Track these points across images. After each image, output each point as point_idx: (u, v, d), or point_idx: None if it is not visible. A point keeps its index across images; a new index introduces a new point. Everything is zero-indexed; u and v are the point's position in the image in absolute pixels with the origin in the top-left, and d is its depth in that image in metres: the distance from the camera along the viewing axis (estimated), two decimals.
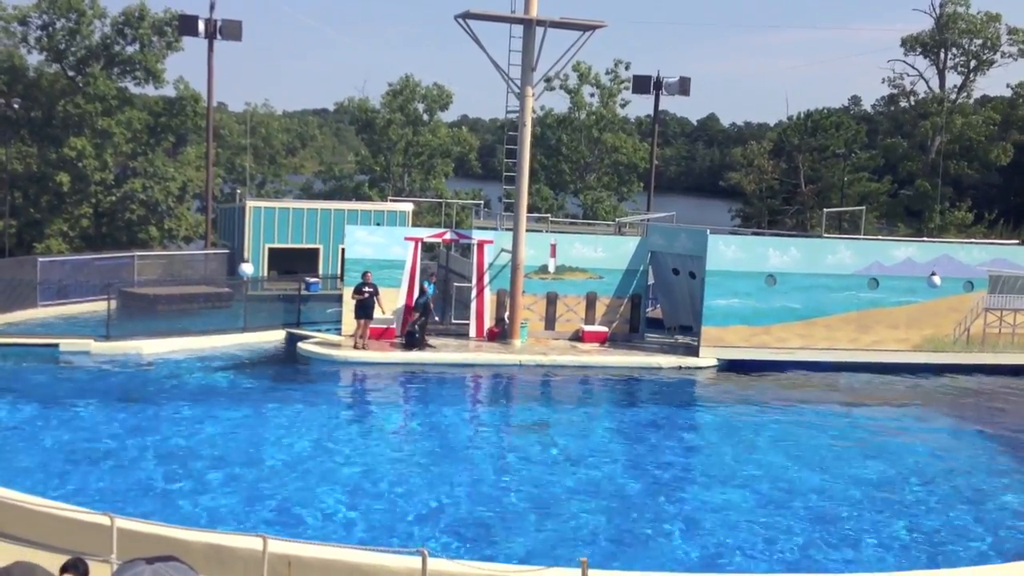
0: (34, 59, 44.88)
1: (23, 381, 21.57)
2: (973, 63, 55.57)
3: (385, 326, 26.20)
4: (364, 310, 25.10)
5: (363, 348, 25.01)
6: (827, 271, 26.48)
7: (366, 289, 25.14)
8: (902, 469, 17.93)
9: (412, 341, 25.55)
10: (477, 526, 14.12)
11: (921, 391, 25.05)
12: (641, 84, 43.39)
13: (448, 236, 28.71)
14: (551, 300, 27.72)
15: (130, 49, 45.23)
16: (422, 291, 26.20)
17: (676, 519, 14.81)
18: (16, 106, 44.82)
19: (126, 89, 46.27)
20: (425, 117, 53.61)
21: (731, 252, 26.30)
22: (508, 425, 20.57)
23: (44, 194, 43.47)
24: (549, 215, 43.49)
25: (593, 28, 26.34)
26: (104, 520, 11.06)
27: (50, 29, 43.92)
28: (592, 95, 55.44)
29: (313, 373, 23.88)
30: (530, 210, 28.30)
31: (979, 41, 54.63)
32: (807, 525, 14.74)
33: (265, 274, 33.02)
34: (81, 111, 43.15)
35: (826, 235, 32.57)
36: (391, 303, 26.28)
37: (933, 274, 26.49)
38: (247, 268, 28.62)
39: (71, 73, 45.07)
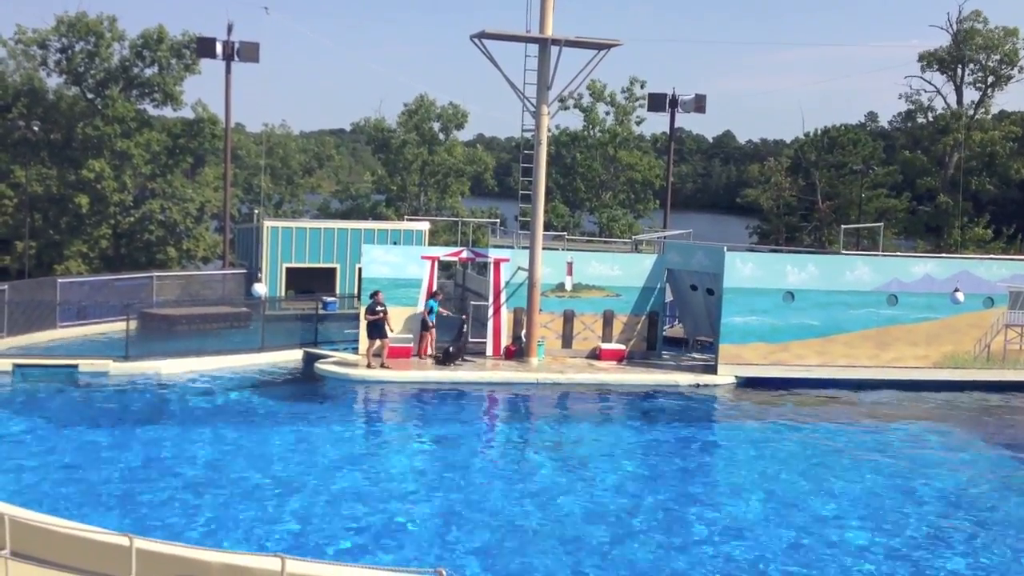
0: (53, 82, 45.41)
1: (43, 402, 21.66)
2: (991, 78, 55.41)
3: (403, 345, 26.20)
4: (378, 330, 25.11)
5: (382, 367, 25.01)
6: (846, 288, 26.37)
7: (378, 309, 25.16)
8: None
9: (448, 357, 25.83)
10: (498, 549, 14.08)
11: (948, 409, 24.79)
12: (656, 102, 43.48)
13: (464, 255, 28.74)
14: (568, 318, 27.68)
15: (148, 72, 45.62)
16: (430, 310, 26.41)
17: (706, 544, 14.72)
18: (36, 128, 45.18)
19: (145, 111, 46.67)
20: (441, 136, 53.80)
21: (748, 269, 26.22)
22: (525, 443, 20.48)
23: (64, 215, 43.78)
24: (566, 233, 43.50)
25: (608, 47, 26.38)
26: (123, 540, 11.07)
27: (69, 52, 44.34)
28: (607, 113, 55.54)
29: (331, 392, 23.88)
30: (546, 228, 28.30)
31: (997, 56, 54.46)
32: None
33: (283, 294, 33.09)
34: (100, 133, 43.49)
35: (844, 252, 32.45)
36: (408, 321, 26.39)
37: (956, 290, 26.31)
38: (260, 288, 28.71)
39: (90, 95, 45.45)
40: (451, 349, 26.04)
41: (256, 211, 44.92)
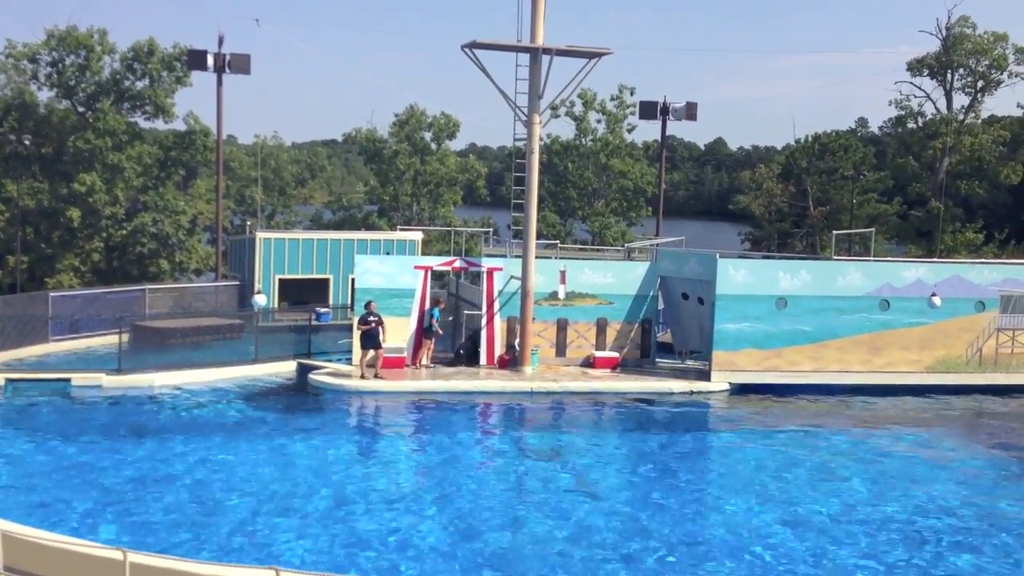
0: (44, 96, 45.42)
1: (36, 416, 21.60)
2: (980, 83, 55.61)
3: (396, 355, 26.19)
4: (371, 340, 25.09)
5: (376, 377, 24.98)
6: (838, 293, 26.40)
7: (371, 319, 25.16)
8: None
9: (459, 358, 27.11)
10: (498, 558, 14.07)
11: (941, 413, 24.83)
12: (648, 110, 43.58)
13: (458, 264, 28.75)
14: (561, 326, 27.69)
15: (140, 84, 45.64)
16: (434, 318, 26.59)
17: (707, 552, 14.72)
18: (27, 142, 45.16)
19: (136, 124, 46.66)
20: (433, 146, 53.83)
21: (741, 276, 26.26)
22: (521, 452, 20.47)
23: (55, 229, 43.73)
24: (558, 242, 43.55)
25: (599, 55, 26.45)
26: (117, 555, 11.04)
27: (60, 66, 44.34)
28: (599, 121, 55.63)
29: (325, 404, 23.84)
30: (537, 237, 28.31)
31: (986, 61, 54.66)
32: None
33: (276, 305, 33.08)
34: (91, 146, 43.47)
35: (836, 257, 32.51)
36: (401, 331, 26.39)
37: (933, 295, 26.37)
38: (260, 299, 28.71)
39: (81, 109, 45.45)
40: (468, 344, 27.01)
41: (249, 223, 44.90)
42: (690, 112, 42.88)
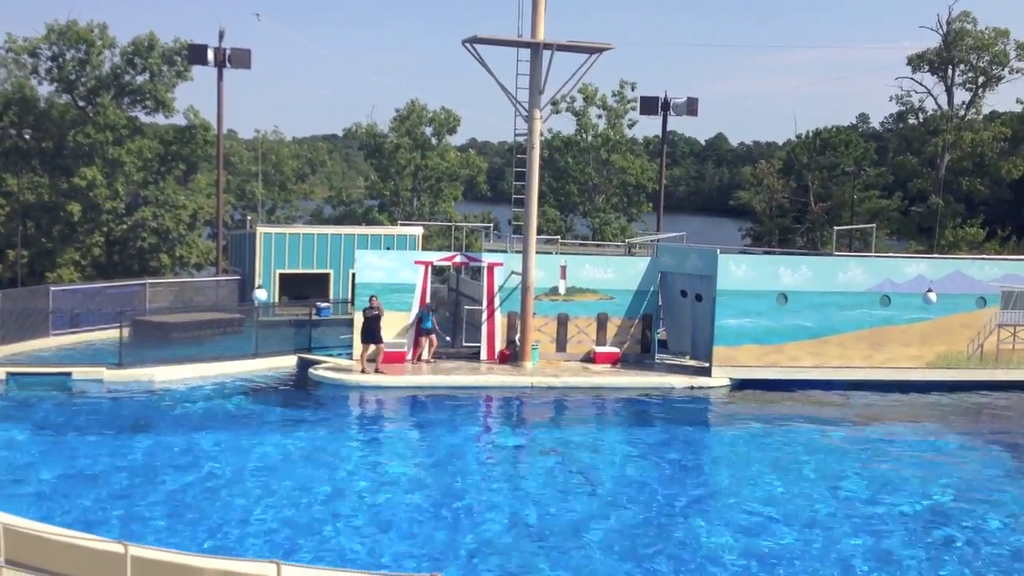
0: (44, 90, 45.38)
1: (37, 410, 21.60)
2: (981, 79, 55.47)
3: (397, 350, 26.19)
4: (371, 335, 25.09)
5: (376, 372, 24.99)
6: (839, 289, 26.41)
7: (373, 311, 25.15)
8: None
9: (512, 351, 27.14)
10: (497, 554, 14.07)
11: (943, 409, 24.83)
12: (648, 105, 43.53)
13: (458, 259, 28.75)
14: (562, 322, 27.69)
15: (140, 79, 45.58)
16: (421, 318, 26.64)
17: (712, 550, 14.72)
18: (27, 137, 45.12)
19: (136, 118, 46.59)
20: (433, 141, 53.75)
21: (742, 271, 26.27)
22: (523, 447, 20.48)
23: (56, 224, 43.71)
24: (559, 237, 43.51)
25: (600, 51, 26.43)
26: (118, 548, 11.04)
27: (60, 60, 44.28)
28: (599, 116, 55.55)
29: (326, 398, 23.85)
30: (537, 232, 28.29)
31: (987, 57, 54.52)
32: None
33: (276, 300, 33.08)
34: (92, 141, 43.43)
35: (837, 253, 32.49)
36: (401, 326, 26.42)
37: (929, 291, 26.37)
38: (261, 293, 28.69)
39: (81, 103, 45.40)
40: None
41: (249, 217, 44.86)
42: (691, 108, 42.83)
